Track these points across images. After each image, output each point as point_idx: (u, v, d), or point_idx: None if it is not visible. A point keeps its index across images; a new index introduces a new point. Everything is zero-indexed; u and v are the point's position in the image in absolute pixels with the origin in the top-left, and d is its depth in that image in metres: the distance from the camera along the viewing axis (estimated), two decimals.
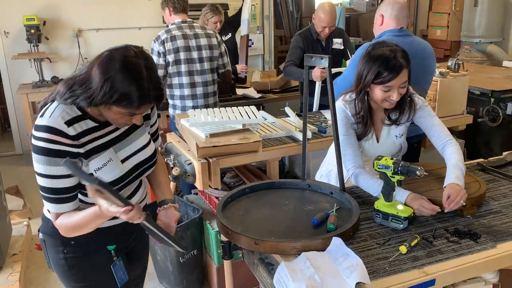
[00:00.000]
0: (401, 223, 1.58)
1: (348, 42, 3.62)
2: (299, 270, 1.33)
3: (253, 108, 2.64)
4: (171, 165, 2.60)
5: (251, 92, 4.36)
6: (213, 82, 3.27)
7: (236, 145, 2.33)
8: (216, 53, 3.26)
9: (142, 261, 1.73)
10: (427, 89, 2.50)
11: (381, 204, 1.64)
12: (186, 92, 3.16)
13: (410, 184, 1.80)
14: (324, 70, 3.15)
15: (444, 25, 6.55)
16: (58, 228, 1.38)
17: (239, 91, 4.34)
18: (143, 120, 1.47)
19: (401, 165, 1.57)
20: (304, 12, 8.36)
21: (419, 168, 1.55)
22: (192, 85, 3.16)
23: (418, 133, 2.10)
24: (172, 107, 3.28)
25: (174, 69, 3.11)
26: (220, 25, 4.04)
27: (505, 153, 2.26)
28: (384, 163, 1.60)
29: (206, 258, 2.69)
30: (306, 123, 1.88)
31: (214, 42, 3.25)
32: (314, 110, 3.31)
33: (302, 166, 1.92)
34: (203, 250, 2.69)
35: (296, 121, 2.81)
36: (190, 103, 3.19)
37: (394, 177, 1.60)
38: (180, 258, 2.58)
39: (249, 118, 2.48)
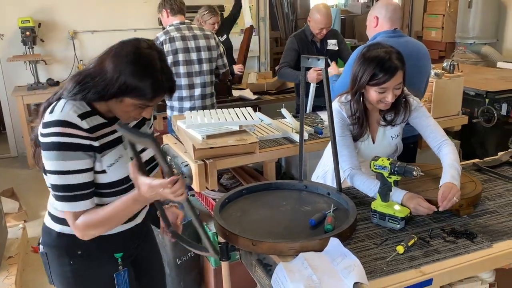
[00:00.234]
0: (398, 223, 1.59)
1: (342, 43, 3.63)
2: (297, 270, 1.33)
3: (249, 109, 2.65)
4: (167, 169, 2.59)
5: (247, 93, 4.36)
6: (211, 84, 3.27)
7: (232, 146, 2.33)
8: (214, 54, 3.26)
9: (151, 271, 1.65)
10: (423, 89, 2.51)
11: (378, 204, 1.64)
12: (184, 93, 3.16)
13: (407, 184, 1.80)
14: (319, 72, 3.16)
15: (438, 26, 6.58)
16: (79, 229, 1.30)
17: (235, 93, 4.35)
18: (144, 121, 1.47)
19: (397, 165, 1.58)
20: (299, 13, 8.39)
21: (416, 168, 1.55)
22: (190, 86, 3.16)
23: (414, 133, 2.11)
24: (169, 109, 3.28)
25: (172, 70, 3.10)
26: (217, 26, 4.05)
27: (500, 153, 2.28)
28: (380, 164, 1.61)
29: (203, 260, 2.69)
30: (303, 124, 1.88)
31: (212, 43, 3.25)
32: (308, 111, 3.32)
33: (299, 167, 1.93)
34: None
35: (292, 122, 2.82)
36: (187, 105, 3.19)
37: (390, 177, 1.61)
38: (177, 260, 2.58)
39: (245, 119, 2.48)
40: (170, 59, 3.07)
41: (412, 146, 2.55)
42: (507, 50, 5.85)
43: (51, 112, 1.26)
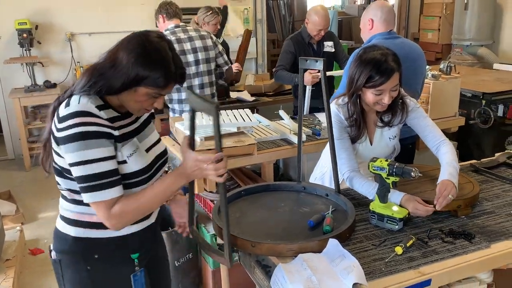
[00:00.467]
0: (396, 224, 1.60)
1: (338, 45, 3.63)
2: (296, 271, 1.33)
3: (247, 111, 2.65)
4: (166, 168, 2.59)
5: (245, 95, 4.37)
6: (210, 84, 3.27)
7: (231, 148, 2.33)
8: (212, 54, 3.26)
9: (161, 272, 1.63)
10: (419, 90, 2.52)
11: (376, 205, 1.65)
12: (184, 95, 3.16)
13: (405, 185, 1.81)
14: (314, 74, 3.17)
15: (435, 28, 6.61)
16: (116, 217, 1.27)
17: (233, 94, 4.35)
18: (150, 119, 1.49)
19: (396, 166, 1.58)
20: (296, 16, 8.42)
21: (414, 169, 1.56)
22: (189, 88, 3.17)
23: (412, 134, 2.12)
24: (171, 111, 3.30)
25: None
26: (219, 26, 4.04)
27: (497, 154, 2.29)
28: (379, 165, 1.62)
29: (201, 262, 2.69)
30: (302, 126, 1.89)
31: (209, 43, 3.26)
32: (304, 113, 3.32)
33: (297, 168, 1.93)
34: (199, 254, 2.68)
35: (290, 124, 2.82)
36: (187, 107, 3.19)
37: (389, 178, 1.61)
38: (175, 262, 2.57)
39: (243, 121, 2.49)
40: None
41: (410, 147, 2.56)
42: (503, 51, 5.88)
43: (67, 106, 1.25)
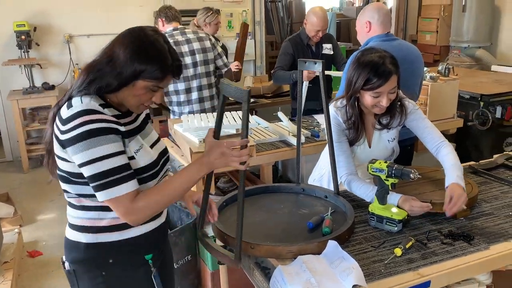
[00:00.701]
0: (395, 226, 1.60)
1: (337, 48, 3.63)
2: (296, 273, 1.33)
3: None
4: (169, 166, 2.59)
5: None
6: (208, 86, 3.27)
7: None
8: (211, 55, 3.27)
9: (170, 276, 1.63)
10: (417, 91, 2.53)
11: (375, 207, 1.65)
12: (182, 98, 3.17)
13: (404, 187, 1.81)
14: (311, 73, 3.14)
15: (433, 30, 6.62)
16: (139, 211, 1.25)
17: None
18: (146, 120, 1.48)
19: (395, 168, 1.59)
20: (294, 17, 8.43)
21: (413, 171, 1.56)
22: (187, 90, 3.17)
23: (411, 136, 2.12)
24: (172, 113, 3.31)
25: None
26: (220, 25, 4.04)
27: (495, 155, 2.29)
28: (378, 167, 1.62)
29: (201, 264, 2.68)
30: (300, 127, 1.89)
31: (207, 45, 3.26)
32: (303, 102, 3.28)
33: (296, 170, 1.93)
34: (198, 256, 2.68)
35: (289, 125, 2.82)
36: (186, 109, 3.21)
37: (388, 180, 1.61)
38: (174, 264, 2.56)
39: None
40: None
41: (408, 148, 2.56)
42: (501, 53, 5.89)
43: (69, 107, 1.24)
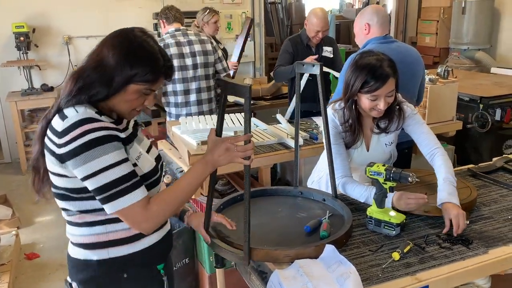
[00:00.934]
0: (393, 230, 1.59)
1: (337, 52, 3.62)
2: (292, 278, 1.32)
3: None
4: (166, 169, 2.58)
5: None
6: (207, 89, 3.26)
7: None
8: (211, 59, 3.26)
9: (172, 281, 1.60)
10: (417, 93, 2.51)
11: (373, 210, 1.64)
12: (180, 99, 3.16)
13: (401, 190, 1.80)
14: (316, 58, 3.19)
15: (433, 32, 6.62)
16: (154, 216, 1.21)
17: (231, 98, 4.33)
18: (136, 126, 1.46)
19: (393, 171, 1.58)
20: (294, 19, 8.42)
21: (411, 174, 1.55)
22: (186, 92, 3.16)
23: (409, 138, 2.10)
24: (168, 115, 3.30)
25: None
26: (219, 24, 4.03)
27: (494, 158, 2.28)
28: (376, 170, 1.61)
29: (198, 267, 2.67)
30: (298, 130, 1.88)
31: (209, 48, 3.25)
32: (295, 101, 3.26)
33: (294, 173, 1.92)
34: (195, 259, 2.67)
35: (287, 128, 2.81)
36: (184, 111, 3.20)
37: (386, 183, 1.60)
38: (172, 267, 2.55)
39: (240, 125, 2.48)
40: None
41: (406, 151, 2.55)
42: (501, 55, 5.89)
43: (64, 118, 1.17)
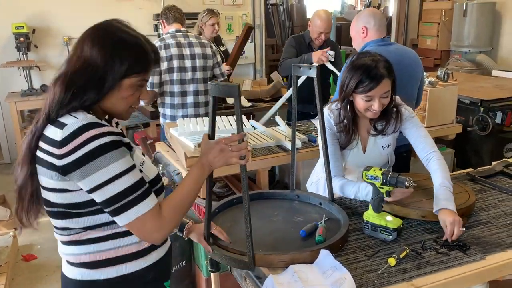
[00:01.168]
0: (390, 235, 1.57)
1: (339, 57, 3.59)
2: (287, 283, 1.31)
3: (242, 117, 2.63)
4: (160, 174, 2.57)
5: (242, 101, 4.35)
6: (204, 92, 3.26)
7: None
8: (210, 62, 3.26)
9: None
10: (415, 95, 2.49)
11: (370, 215, 1.62)
12: (177, 100, 3.15)
13: None
14: (325, 53, 3.25)
15: (434, 34, 6.61)
16: (167, 222, 1.16)
17: (230, 100, 4.33)
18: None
19: (390, 175, 1.56)
20: (295, 21, 8.41)
21: (408, 179, 1.54)
22: (183, 93, 3.16)
23: (407, 142, 2.09)
24: (162, 116, 3.27)
25: (166, 77, 3.11)
26: (218, 27, 4.02)
27: (494, 163, 2.26)
28: (373, 174, 1.59)
29: (195, 269, 2.66)
30: (295, 133, 1.86)
31: (208, 51, 3.25)
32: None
33: (291, 176, 1.90)
34: (192, 261, 2.66)
35: (286, 130, 2.80)
36: (180, 113, 3.18)
37: (383, 187, 1.59)
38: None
39: None
40: (164, 65, 3.08)
41: (405, 155, 2.54)
42: (502, 58, 5.87)
43: (62, 127, 1.08)
